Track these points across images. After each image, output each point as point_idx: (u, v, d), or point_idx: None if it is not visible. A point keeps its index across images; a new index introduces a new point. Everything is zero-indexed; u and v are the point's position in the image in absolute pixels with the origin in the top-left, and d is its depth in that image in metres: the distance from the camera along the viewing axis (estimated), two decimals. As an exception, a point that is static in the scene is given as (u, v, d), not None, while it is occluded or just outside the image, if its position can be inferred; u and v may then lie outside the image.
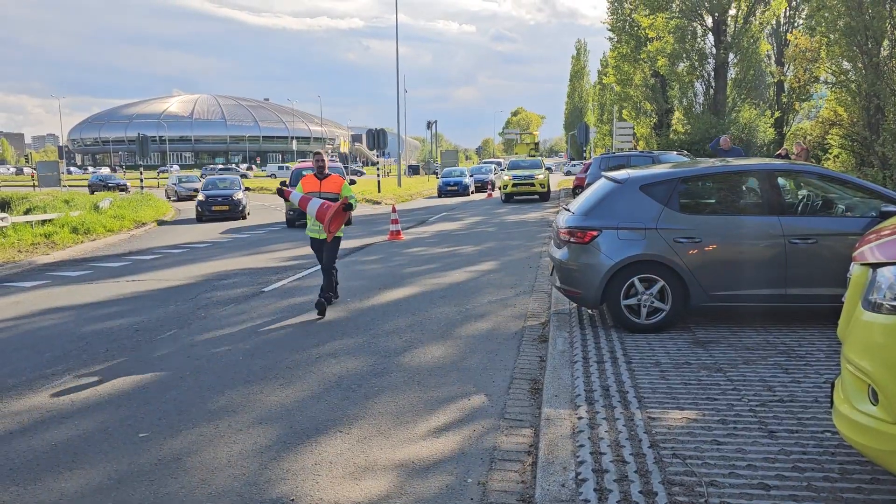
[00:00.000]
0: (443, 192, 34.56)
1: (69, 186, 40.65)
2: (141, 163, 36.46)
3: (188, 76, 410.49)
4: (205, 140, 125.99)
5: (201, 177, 44.28)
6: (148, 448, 4.45)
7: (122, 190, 40.17)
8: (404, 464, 4.10)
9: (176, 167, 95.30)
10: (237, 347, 6.83)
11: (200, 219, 23.22)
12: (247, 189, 26.94)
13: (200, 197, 24.28)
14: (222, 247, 15.90)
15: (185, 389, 5.60)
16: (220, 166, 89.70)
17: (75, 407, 5.28)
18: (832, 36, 16.28)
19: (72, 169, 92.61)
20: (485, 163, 53.94)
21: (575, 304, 7.43)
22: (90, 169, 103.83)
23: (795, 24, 31.00)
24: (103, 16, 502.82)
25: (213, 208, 23.47)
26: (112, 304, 9.23)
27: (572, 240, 6.63)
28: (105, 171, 72.51)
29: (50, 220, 18.54)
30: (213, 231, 19.79)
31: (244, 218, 23.56)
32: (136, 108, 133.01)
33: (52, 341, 7.36)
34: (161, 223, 22.94)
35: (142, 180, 33.51)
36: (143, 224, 21.41)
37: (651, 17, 26.92)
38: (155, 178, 58.19)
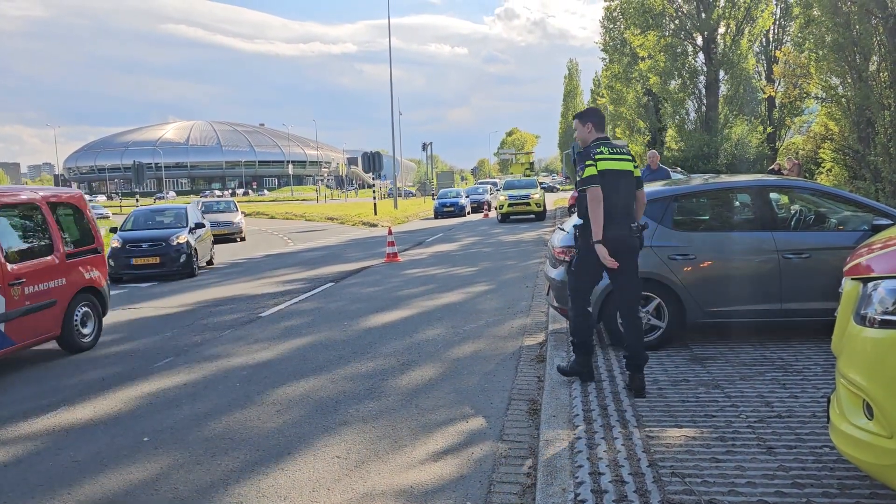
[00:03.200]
0: (439, 213, 34.67)
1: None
2: (137, 190, 36.56)
3: (184, 103, 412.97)
4: (201, 166, 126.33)
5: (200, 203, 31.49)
6: (144, 478, 4.42)
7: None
8: (402, 488, 4.08)
9: (172, 194, 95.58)
10: (234, 373, 6.80)
11: (118, 280, 14.51)
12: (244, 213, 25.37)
13: (115, 243, 14.98)
14: (219, 273, 15.89)
15: (182, 418, 5.57)
16: (218, 192, 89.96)
17: (70, 437, 5.25)
18: (820, 52, 16.44)
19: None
20: (480, 183, 54.15)
21: (572, 324, 7.42)
22: (87, 197, 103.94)
23: (784, 42, 31.33)
24: (97, 45, 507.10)
25: (135, 262, 14.64)
26: (108, 332, 9.20)
27: (567, 259, 6.65)
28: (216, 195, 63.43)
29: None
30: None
31: (192, 275, 15.05)
32: (132, 135, 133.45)
33: (47, 371, 7.33)
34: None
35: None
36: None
37: (642, 36, 27.21)
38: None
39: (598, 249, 4.98)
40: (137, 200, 35.00)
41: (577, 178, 5.09)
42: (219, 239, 23.16)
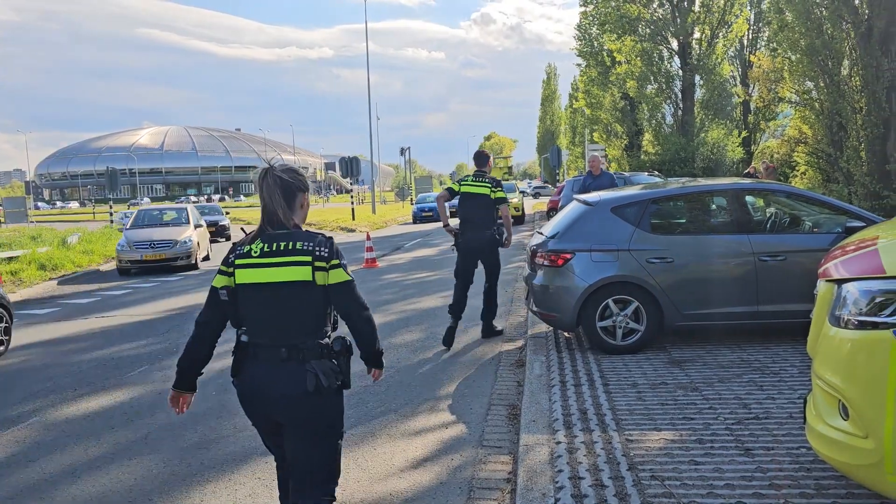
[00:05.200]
0: (418, 217, 34.61)
1: (37, 222, 40.00)
2: (110, 196, 35.91)
3: (159, 108, 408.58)
4: (176, 172, 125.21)
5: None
6: (118, 489, 4.33)
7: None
8: (382, 497, 4.04)
9: (146, 200, 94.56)
10: (210, 382, 6.69)
11: None
12: (198, 226, 18.73)
13: None
14: (196, 279, 15.70)
15: (157, 427, 5.48)
16: (193, 198, 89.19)
17: (42, 449, 5.14)
18: (794, 56, 16.67)
19: (39, 204, 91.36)
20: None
21: (551, 328, 7.43)
22: (59, 204, 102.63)
23: (758, 47, 31.78)
24: (70, 50, 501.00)
25: None
26: (81, 341, 9.04)
27: (546, 263, 6.65)
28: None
29: (16, 257, 18.17)
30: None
31: None
32: (106, 141, 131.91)
33: (19, 381, 7.17)
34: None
35: (111, 213, 33.12)
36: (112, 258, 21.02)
37: (618, 41, 27.43)
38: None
39: (446, 229, 8.04)
40: (111, 207, 34.57)
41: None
42: (151, 268, 16.87)
